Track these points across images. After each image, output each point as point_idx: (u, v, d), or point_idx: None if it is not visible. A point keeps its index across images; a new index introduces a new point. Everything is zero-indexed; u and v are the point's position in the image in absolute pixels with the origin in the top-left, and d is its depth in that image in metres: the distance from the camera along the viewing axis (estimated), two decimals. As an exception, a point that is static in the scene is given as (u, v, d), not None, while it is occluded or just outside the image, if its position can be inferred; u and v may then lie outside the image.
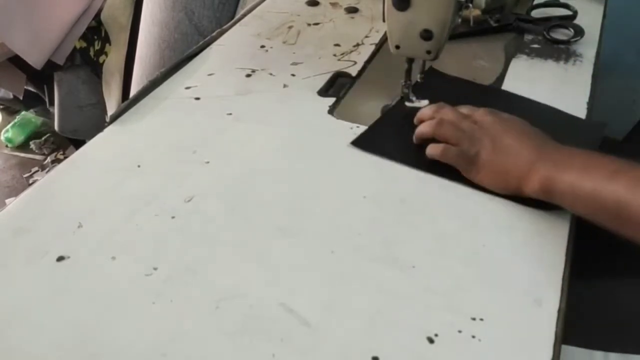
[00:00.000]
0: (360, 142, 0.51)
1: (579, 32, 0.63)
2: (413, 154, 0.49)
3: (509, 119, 0.46)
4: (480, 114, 0.46)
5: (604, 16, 0.71)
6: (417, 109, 0.51)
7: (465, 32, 0.66)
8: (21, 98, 1.21)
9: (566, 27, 0.65)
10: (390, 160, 0.49)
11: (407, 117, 0.53)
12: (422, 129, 0.48)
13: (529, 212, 0.44)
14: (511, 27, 0.67)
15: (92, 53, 1.08)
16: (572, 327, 0.37)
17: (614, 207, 0.37)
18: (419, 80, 0.54)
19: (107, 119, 0.55)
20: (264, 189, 0.47)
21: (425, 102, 0.56)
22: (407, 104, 0.56)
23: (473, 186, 0.46)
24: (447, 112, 0.47)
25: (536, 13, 0.69)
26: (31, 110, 1.62)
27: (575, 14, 0.66)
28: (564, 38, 0.64)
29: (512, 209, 0.44)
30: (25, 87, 1.18)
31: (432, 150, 0.47)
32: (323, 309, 0.37)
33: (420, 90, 0.55)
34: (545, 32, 0.65)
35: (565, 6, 0.68)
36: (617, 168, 0.38)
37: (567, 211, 0.43)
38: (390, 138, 0.52)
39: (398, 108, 0.56)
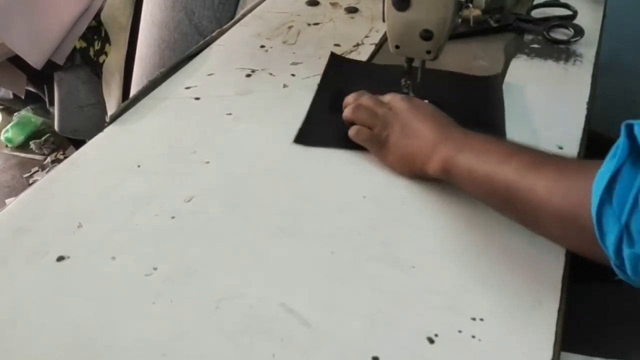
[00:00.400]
0: (301, 138, 0.52)
1: (579, 32, 0.63)
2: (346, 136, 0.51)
3: (420, 104, 0.48)
4: (396, 101, 0.48)
5: (604, 16, 0.71)
6: (340, 92, 0.53)
7: (465, 32, 0.66)
8: (23, 97, 1.21)
9: (566, 27, 0.65)
10: (336, 148, 0.51)
11: (335, 100, 0.55)
12: (344, 114, 0.50)
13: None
14: (511, 27, 0.67)
15: (92, 53, 1.08)
16: (571, 334, 0.37)
17: (503, 190, 0.37)
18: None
19: (107, 119, 0.55)
20: (264, 189, 0.47)
21: (425, 102, 0.56)
22: None
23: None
24: (365, 98, 0.50)
25: (536, 13, 0.69)
26: (29, 107, 1.62)
27: (575, 14, 0.66)
28: (564, 38, 0.64)
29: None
30: (25, 87, 1.18)
31: (350, 131, 0.49)
32: (323, 309, 0.37)
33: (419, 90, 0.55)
34: (545, 32, 0.65)
35: (565, 6, 0.68)
36: (510, 152, 0.39)
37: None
38: (326, 126, 0.53)
39: (323, 93, 0.58)
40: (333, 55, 0.63)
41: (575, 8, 0.67)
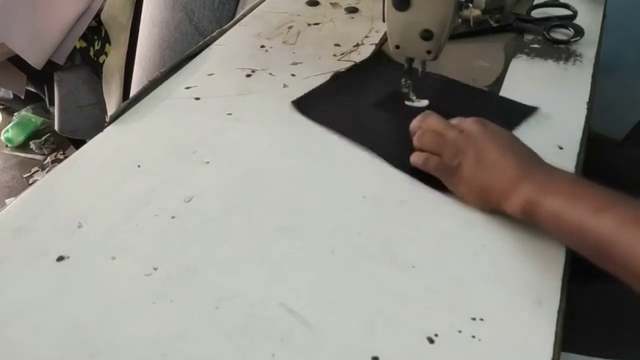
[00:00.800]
0: (299, 104, 0.55)
1: (579, 32, 0.63)
2: (347, 123, 0.53)
3: (496, 131, 0.44)
4: (468, 124, 0.44)
5: (604, 16, 0.71)
6: (358, 81, 0.57)
7: (465, 32, 0.66)
8: (23, 97, 1.21)
9: (566, 27, 0.65)
10: (325, 127, 0.52)
11: (349, 86, 0.57)
12: (414, 142, 0.47)
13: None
14: (511, 27, 0.67)
15: (92, 53, 1.08)
16: (571, 333, 0.37)
17: (597, 243, 0.35)
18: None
19: (107, 119, 0.55)
20: (264, 189, 0.47)
21: (425, 102, 0.56)
22: (408, 103, 0.56)
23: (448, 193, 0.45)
24: (432, 121, 0.46)
25: (536, 13, 0.69)
26: (29, 107, 1.61)
27: (575, 14, 0.66)
28: (564, 38, 0.64)
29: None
30: (25, 87, 1.18)
31: (414, 158, 0.46)
32: (323, 308, 0.37)
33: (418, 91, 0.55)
34: (545, 32, 0.65)
35: (565, 6, 0.68)
36: (604, 202, 0.36)
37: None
38: (329, 105, 0.55)
39: (344, 79, 0.59)
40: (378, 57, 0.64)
41: (575, 8, 0.67)
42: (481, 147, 0.42)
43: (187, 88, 0.60)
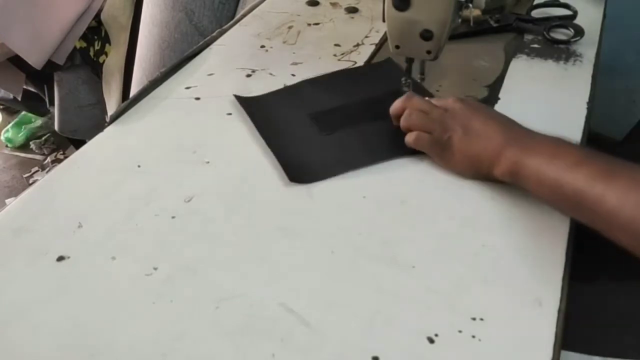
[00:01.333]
0: (243, 99, 0.56)
1: (579, 32, 0.63)
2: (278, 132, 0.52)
3: (476, 105, 0.47)
4: (450, 102, 0.47)
5: (604, 16, 0.71)
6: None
7: (465, 32, 0.66)
8: (19, 99, 1.21)
9: (566, 27, 0.65)
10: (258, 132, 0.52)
11: (296, 94, 0.57)
12: (401, 123, 0.49)
13: (529, 212, 0.44)
14: (511, 27, 0.67)
15: (92, 53, 1.08)
16: (570, 332, 0.37)
17: (572, 196, 0.38)
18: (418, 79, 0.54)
19: (107, 119, 0.55)
20: (264, 189, 0.47)
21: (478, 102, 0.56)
22: None
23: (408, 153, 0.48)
24: (416, 102, 0.48)
25: (536, 13, 0.69)
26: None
27: (575, 14, 0.66)
28: (564, 38, 0.64)
29: (512, 209, 0.44)
30: (25, 87, 1.18)
31: (407, 138, 0.48)
32: (323, 308, 0.37)
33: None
34: (545, 32, 0.65)
35: (565, 6, 0.68)
36: (580, 158, 0.39)
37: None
38: (273, 108, 0.55)
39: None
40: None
41: (576, 8, 0.67)
42: (467, 120, 0.46)
43: (187, 88, 0.60)
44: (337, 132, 0.52)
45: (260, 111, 0.55)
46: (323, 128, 0.53)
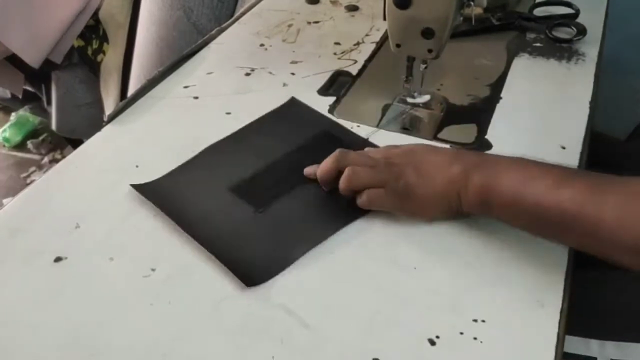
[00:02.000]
0: (142, 188, 0.45)
1: (581, 31, 0.63)
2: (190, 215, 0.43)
3: (413, 145, 0.44)
4: (383, 151, 0.44)
5: (607, 15, 0.70)
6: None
7: (466, 30, 0.66)
8: (20, 97, 1.21)
9: (568, 26, 0.65)
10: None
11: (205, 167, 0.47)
12: (340, 187, 0.42)
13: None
14: (513, 26, 0.67)
15: (89, 52, 1.07)
16: (568, 316, 0.36)
17: (558, 218, 0.35)
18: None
19: (105, 119, 0.54)
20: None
21: (427, 96, 0.56)
22: (409, 100, 0.56)
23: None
24: (353, 158, 0.43)
25: (538, 11, 0.69)
26: (26, 107, 1.61)
27: (577, 13, 0.66)
28: (566, 37, 0.64)
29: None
30: (22, 86, 1.17)
31: (360, 201, 0.42)
32: (323, 309, 0.37)
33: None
34: (547, 31, 0.64)
35: (568, 4, 0.67)
36: (560, 177, 0.36)
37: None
38: (184, 191, 0.45)
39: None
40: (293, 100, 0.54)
41: (578, 7, 0.67)
42: (415, 160, 0.41)
43: (186, 87, 0.59)
44: (271, 205, 0.43)
45: (171, 199, 0.44)
46: (253, 203, 0.44)
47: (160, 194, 0.44)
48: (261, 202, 0.44)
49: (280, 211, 0.43)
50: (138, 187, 0.45)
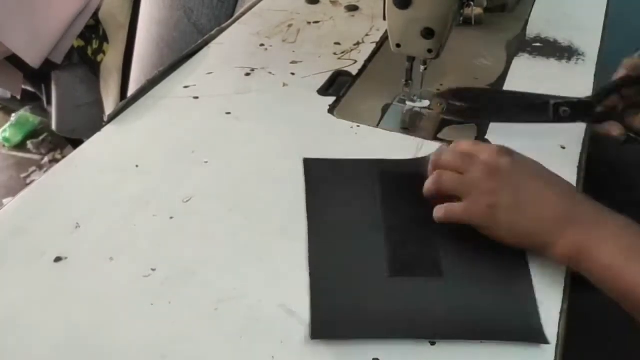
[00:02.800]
0: (325, 331, 0.35)
1: None
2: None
3: (527, 162, 0.39)
4: (490, 154, 0.38)
5: (606, 14, 0.70)
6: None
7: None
8: (19, 97, 1.20)
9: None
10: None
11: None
12: (426, 187, 0.40)
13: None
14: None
15: (90, 52, 1.07)
16: (568, 340, 0.36)
17: None
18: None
19: (105, 119, 0.54)
20: (263, 189, 0.47)
21: (426, 102, 0.56)
22: (409, 103, 0.56)
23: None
24: (446, 158, 0.40)
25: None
26: (26, 107, 1.61)
27: None
28: None
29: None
30: (22, 86, 1.17)
31: (436, 213, 0.39)
32: (324, 310, 0.37)
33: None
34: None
35: None
36: None
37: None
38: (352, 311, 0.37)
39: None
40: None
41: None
42: (515, 184, 0.37)
43: (186, 87, 0.59)
44: (446, 271, 0.38)
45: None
46: (433, 274, 0.38)
47: (335, 324, 0.36)
48: (437, 269, 0.38)
49: (461, 272, 0.38)
50: (317, 334, 0.35)
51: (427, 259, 0.39)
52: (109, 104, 1.07)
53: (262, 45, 0.67)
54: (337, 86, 0.60)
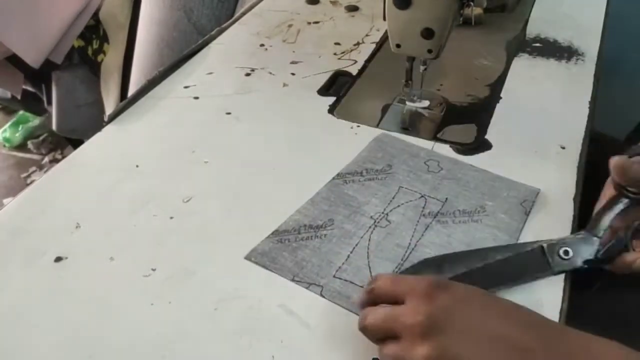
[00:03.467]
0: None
1: None
2: None
3: (464, 295, 0.31)
4: (420, 298, 0.30)
5: (606, 14, 0.70)
6: None
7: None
8: (19, 98, 1.20)
9: None
10: None
11: None
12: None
13: (531, 210, 0.43)
14: None
15: (90, 52, 1.07)
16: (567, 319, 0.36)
17: None
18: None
19: (105, 119, 0.54)
20: (263, 189, 0.47)
21: (426, 102, 0.56)
22: (409, 103, 0.56)
23: None
24: (369, 320, 0.31)
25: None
26: (26, 107, 1.61)
27: None
28: None
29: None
30: (23, 86, 1.17)
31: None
32: (323, 310, 0.37)
33: None
34: None
35: None
36: None
37: (567, 210, 0.43)
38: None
39: None
40: None
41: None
42: (466, 332, 0.29)
43: (186, 87, 0.59)
44: None
45: None
46: None
47: None
48: None
49: None
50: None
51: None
52: (109, 104, 1.07)
53: (262, 45, 0.67)
54: (337, 86, 0.60)
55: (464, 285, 0.32)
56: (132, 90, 0.99)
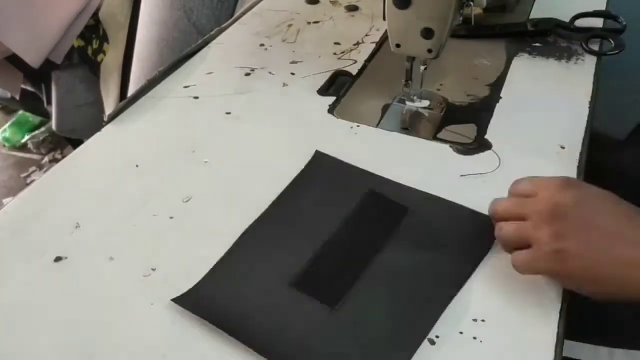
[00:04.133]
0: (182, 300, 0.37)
1: (620, 46, 0.59)
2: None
3: (596, 194, 0.34)
4: (551, 190, 0.34)
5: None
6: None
7: (499, 33, 0.64)
8: (18, 98, 1.20)
9: (606, 39, 0.61)
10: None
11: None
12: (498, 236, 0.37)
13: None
14: (549, 33, 0.63)
15: (90, 52, 1.07)
16: (578, 322, 0.36)
17: None
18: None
19: (105, 119, 0.54)
20: (263, 189, 0.47)
21: (426, 102, 0.56)
22: (409, 103, 0.56)
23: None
24: (503, 207, 0.36)
25: (580, 23, 0.65)
26: (26, 107, 1.61)
27: (624, 29, 0.62)
28: (604, 50, 0.61)
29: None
30: (23, 86, 1.17)
31: (513, 262, 0.36)
32: (324, 310, 0.37)
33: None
34: (583, 43, 0.61)
35: (614, 18, 0.63)
36: None
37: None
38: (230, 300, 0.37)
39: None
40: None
41: (624, 22, 0.62)
42: (584, 223, 0.32)
43: (186, 87, 0.60)
44: (347, 299, 0.36)
45: (220, 308, 0.36)
46: (326, 300, 0.36)
47: (206, 304, 0.36)
48: (334, 297, 0.36)
49: (361, 305, 0.36)
50: (179, 301, 0.36)
51: (334, 286, 0.37)
52: (109, 104, 1.07)
53: (262, 45, 0.67)
54: (337, 86, 0.60)
55: (595, 187, 0.35)
56: (132, 90, 0.99)
